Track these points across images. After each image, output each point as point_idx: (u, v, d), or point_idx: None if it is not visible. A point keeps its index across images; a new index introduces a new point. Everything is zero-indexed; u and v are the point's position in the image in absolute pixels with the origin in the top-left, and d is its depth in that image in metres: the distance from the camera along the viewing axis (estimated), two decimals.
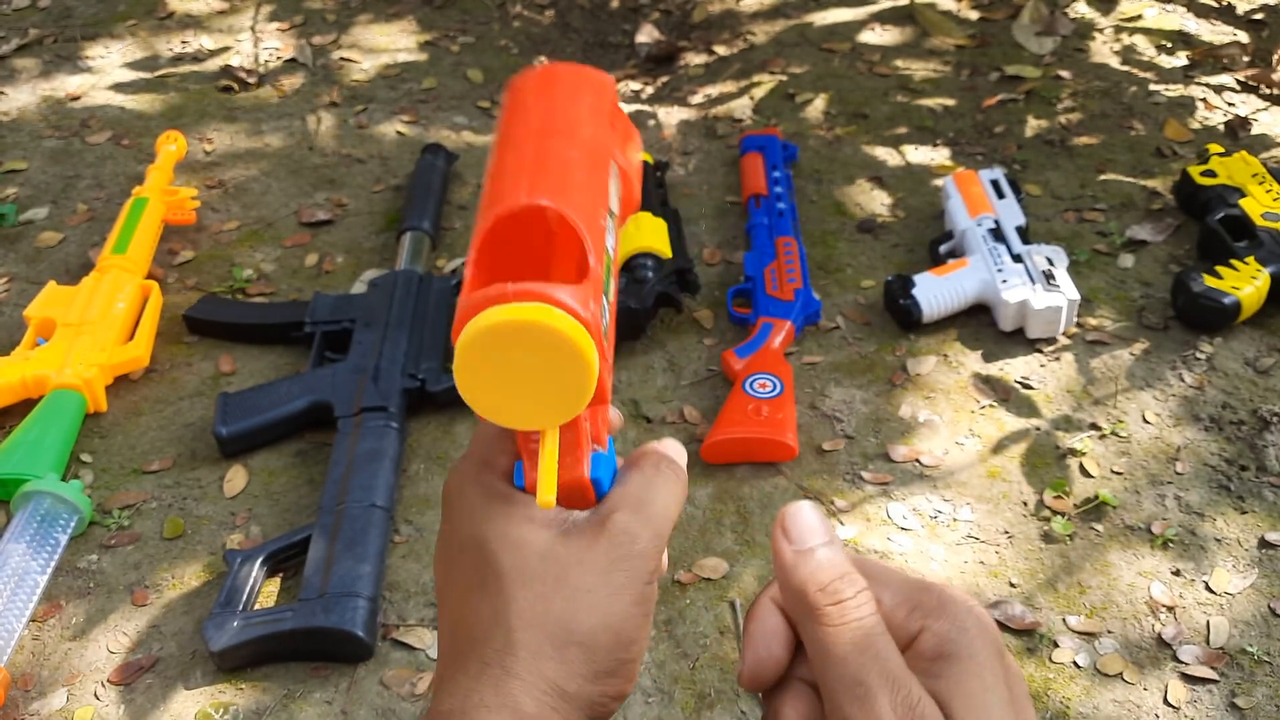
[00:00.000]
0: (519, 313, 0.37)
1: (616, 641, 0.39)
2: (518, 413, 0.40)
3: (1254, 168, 1.49)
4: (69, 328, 1.30)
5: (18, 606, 1.04)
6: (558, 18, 2.15)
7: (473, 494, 0.42)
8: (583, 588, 0.39)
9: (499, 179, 0.40)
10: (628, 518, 0.41)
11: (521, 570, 0.40)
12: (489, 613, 0.40)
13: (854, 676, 0.34)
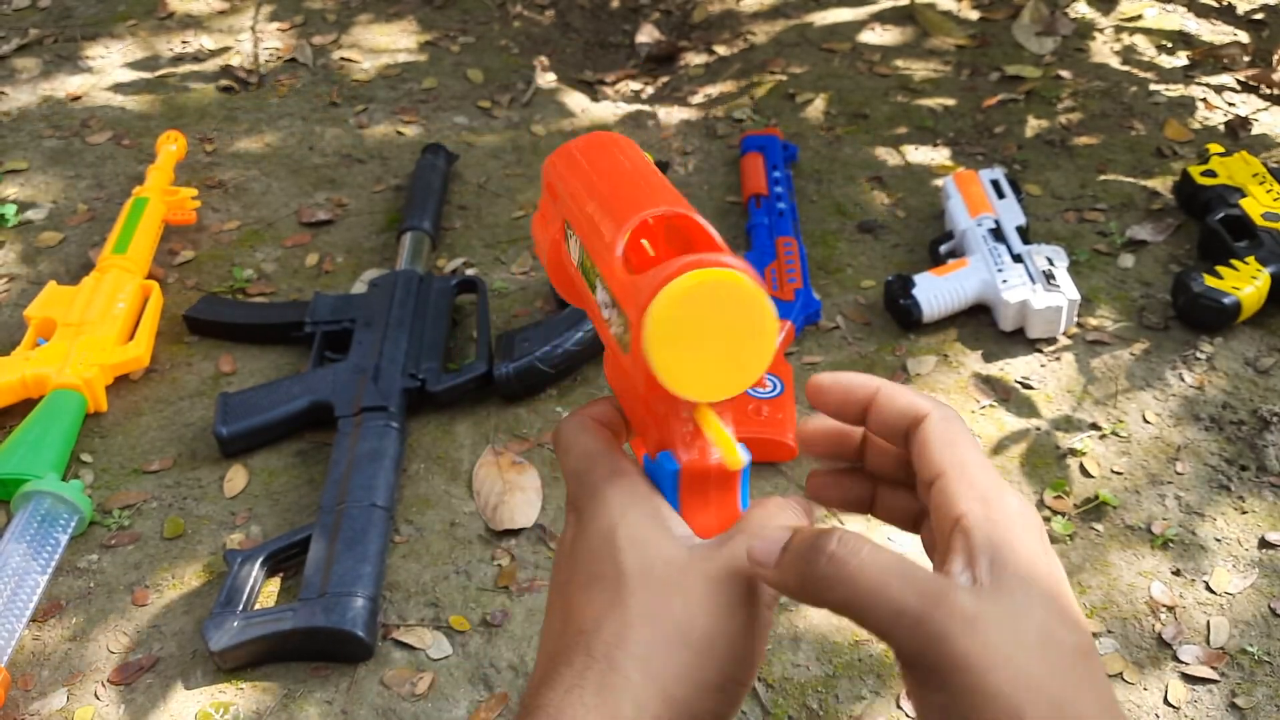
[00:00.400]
0: (712, 275, 0.38)
1: (731, 654, 0.38)
2: (703, 382, 0.40)
3: (1254, 168, 1.49)
4: (69, 328, 1.30)
5: (18, 606, 1.04)
6: (558, 18, 2.15)
7: (610, 495, 0.42)
8: (704, 595, 0.39)
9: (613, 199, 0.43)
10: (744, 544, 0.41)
11: (645, 570, 0.39)
12: (605, 603, 0.39)
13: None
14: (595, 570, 0.40)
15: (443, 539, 1.14)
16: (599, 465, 0.43)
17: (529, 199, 1.64)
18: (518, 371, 1.26)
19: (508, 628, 1.06)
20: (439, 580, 1.10)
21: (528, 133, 1.79)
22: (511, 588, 1.09)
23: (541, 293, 1.45)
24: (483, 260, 1.52)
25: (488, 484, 1.19)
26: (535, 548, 1.13)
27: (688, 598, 0.39)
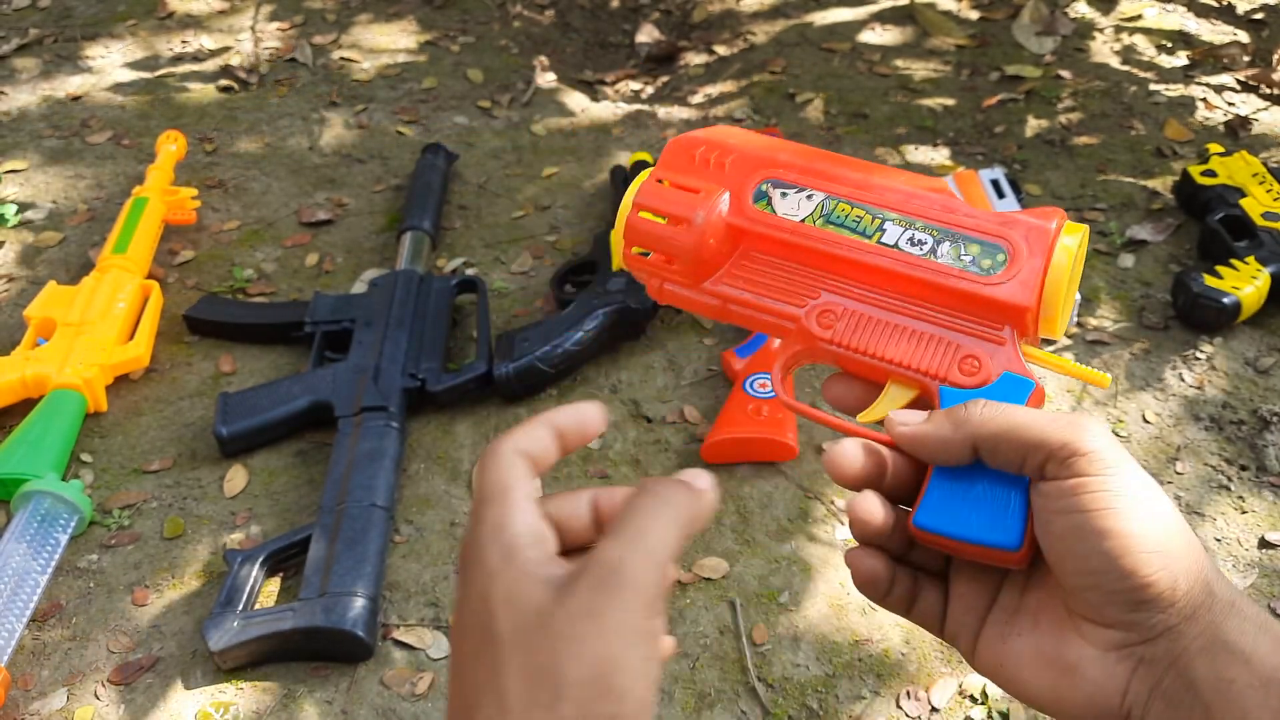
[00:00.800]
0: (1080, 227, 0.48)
1: (607, 692, 0.36)
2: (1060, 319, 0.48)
3: (1254, 167, 1.49)
4: (69, 327, 1.30)
5: (18, 606, 1.04)
6: (558, 18, 2.15)
7: (487, 555, 0.40)
8: (571, 637, 0.36)
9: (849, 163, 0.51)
10: (612, 547, 0.38)
11: (517, 628, 0.38)
12: (485, 677, 0.38)
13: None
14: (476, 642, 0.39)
15: (443, 539, 1.14)
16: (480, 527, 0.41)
17: (529, 198, 1.64)
18: (518, 371, 1.26)
19: None
20: (439, 580, 1.10)
21: (528, 133, 1.79)
22: None
23: (541, 292, 1.45)
24: (483, 260, 1.52)
25: None
26: None
27: (556, 647, 0.37)
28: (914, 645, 1.04)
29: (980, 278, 0.46)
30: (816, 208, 0.48)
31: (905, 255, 0.47)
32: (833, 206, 0.48)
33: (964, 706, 0.99)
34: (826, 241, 0.48)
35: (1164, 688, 0.39)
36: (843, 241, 0.48)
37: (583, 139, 1.78)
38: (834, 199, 0.48)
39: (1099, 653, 0.41)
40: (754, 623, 1.06)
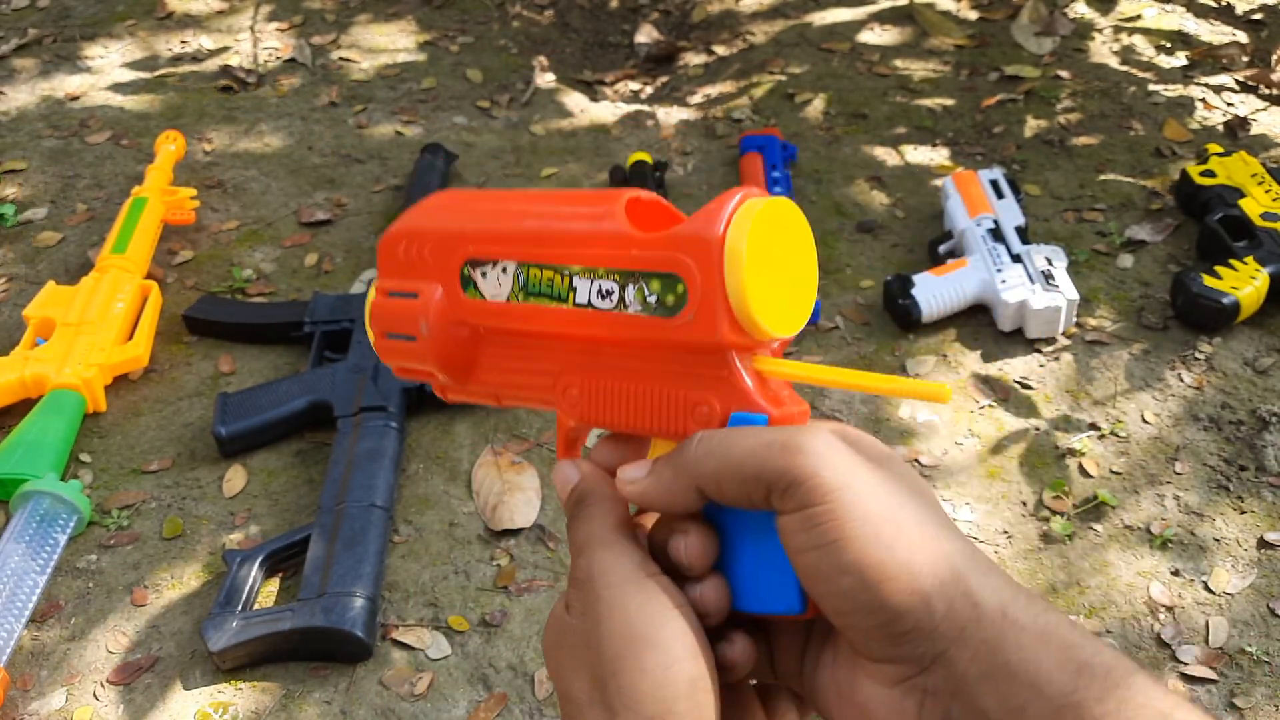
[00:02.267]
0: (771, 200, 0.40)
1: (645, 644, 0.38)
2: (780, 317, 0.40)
3: (1253, 168, 1.49)
4: (68, 327, 1.30)
5: (17, 606, 1.04)
6: (557, 18, 2.15)
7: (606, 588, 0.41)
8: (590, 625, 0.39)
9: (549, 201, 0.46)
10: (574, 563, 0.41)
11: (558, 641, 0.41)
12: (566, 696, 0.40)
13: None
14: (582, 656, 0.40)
15: (442, 539, 1.14)
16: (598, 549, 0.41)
17: None
18: None
19: (507, 628, 1.06)
20: (438, 580, 1.10)
21: (527, 133, 1.79)
22: (510, 588, 1.09)
23: None
24: None
25: (487, 484, 1.19)
26: (534, 548, 1.13)
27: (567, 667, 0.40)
28: None
29: (668, 320, 0.40)
30: (514, 282, 0.44)
31: (600, 314, 0.42)
32: (526, 275, 0.43)
33: None
34: (533, 317, 0.43)
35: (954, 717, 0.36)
36: (546, 313, 0.43)
37: (582, 139, 1.78)
38: (525, 265, 0.43)
39: (884, 689, 0.37)
40: None
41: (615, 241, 0.41)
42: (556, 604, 0.42)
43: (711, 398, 0.41)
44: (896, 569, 0.35)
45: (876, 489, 0.37)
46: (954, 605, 0.35)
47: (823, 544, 0.36)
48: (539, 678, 1.01)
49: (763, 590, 0.40)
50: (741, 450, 0.38)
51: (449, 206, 0.47)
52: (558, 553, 1.12)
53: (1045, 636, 0.35)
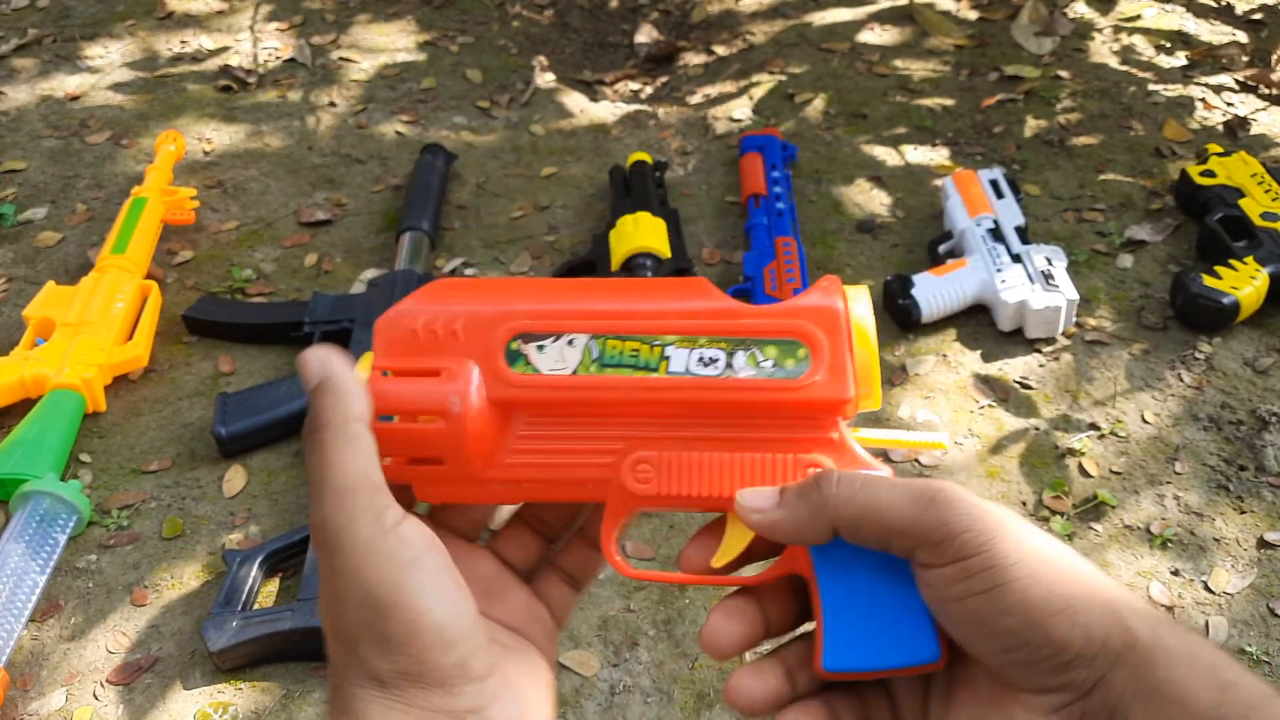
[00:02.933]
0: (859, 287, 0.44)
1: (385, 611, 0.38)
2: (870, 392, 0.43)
3: (1253, 168, 1.49)
4: (68, 328, 1.30)
5: (17, 606, 1.04)
6: (557, 18, 2.15)
7: None
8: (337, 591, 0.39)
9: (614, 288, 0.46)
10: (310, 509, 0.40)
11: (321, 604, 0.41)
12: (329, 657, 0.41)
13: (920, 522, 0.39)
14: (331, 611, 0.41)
15: None
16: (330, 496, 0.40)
17: (528, 199, 1.64)
18: None
19: None
20: None
21: (527, 133, 1.79)
22: None
23: None
24: (481, 260, 1.52)
25: None
26: None
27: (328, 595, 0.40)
28: None
29: (789, 382, 0.42)
30: (584, 353, 0.42)
31: (701, 380, 0.42)
32: (602, 347, 0.42)
33: None
34: (610, 388, 0.42)
35: None
36: (627, 384, 0.42)
37: (582, 139, 1.78)
38: (600, 337, 0.42)
39: (1042, 717, 0.39)
40: None
41: (722, 314, 0.43)
42: None
43: (822, 461, 0.42)
44: (1059, 604, 0.37)
45: (1024, 533, 0.39)
46: (1110, 633, 0.38)
47: (984, 590, 0.38)
48: None
49: (896, 643, 0.40)
50: (886, 501, 0.39)
51: (474, 289, 0.44)
52: None
53: (1191, 657, 0.37)
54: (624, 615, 1.07)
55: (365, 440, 0.40)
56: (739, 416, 0.43)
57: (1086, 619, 0.37)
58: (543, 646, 0.45)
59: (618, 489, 0.43)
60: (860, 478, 0.40)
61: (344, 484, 0.39)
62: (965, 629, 0.39)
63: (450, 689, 0.38)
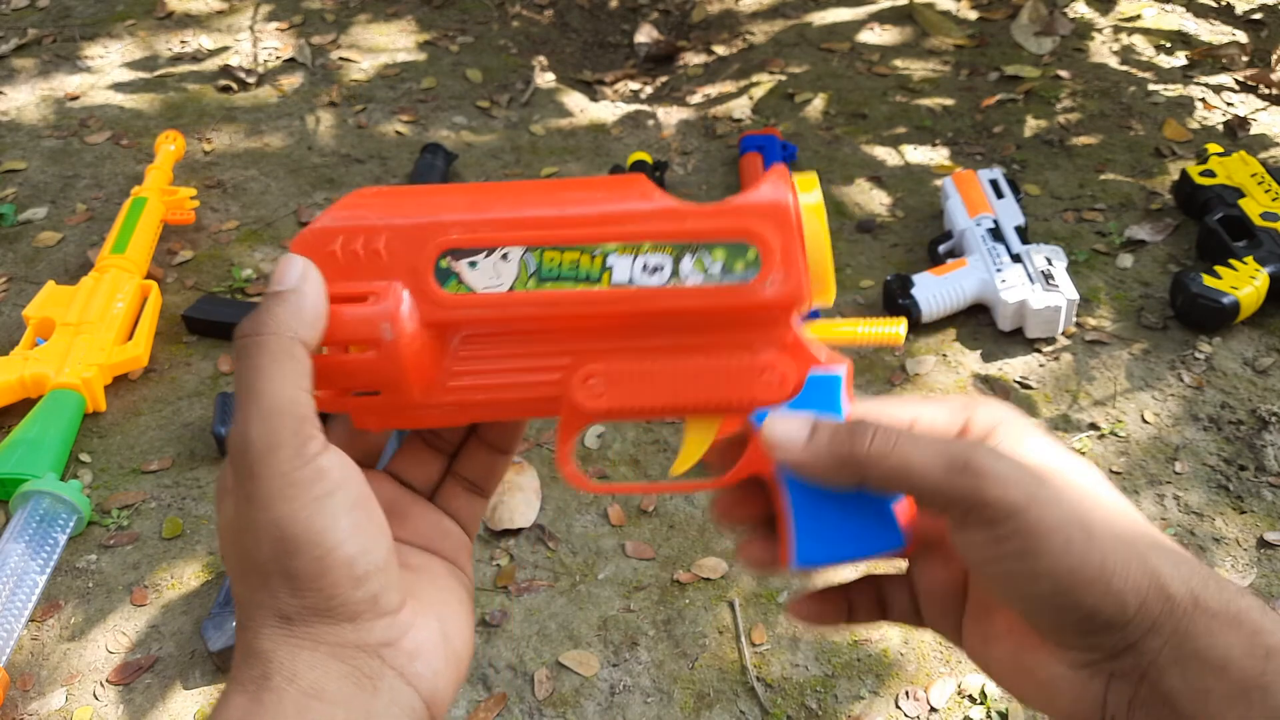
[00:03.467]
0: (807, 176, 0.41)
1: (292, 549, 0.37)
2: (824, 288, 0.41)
3: (1253, 168, 1.49)
4: (68, 327, 1.30)
5: (17, 606, 1.04)
6: (557, 18, 2.15)
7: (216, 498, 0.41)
8: (243, 528, 0.37)
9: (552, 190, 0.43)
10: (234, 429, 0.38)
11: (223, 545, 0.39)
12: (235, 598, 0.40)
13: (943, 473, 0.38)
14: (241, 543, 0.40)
15: None
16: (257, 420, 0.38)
17: None
18: None
19: (506, 628, 1.06)
20: None
21: (526, 132, 1.79)
22: (510, 588, 1.09)
23: None
24: None
25: None
26: (534, 548, 1.13)
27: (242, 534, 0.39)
28: (912, 645, 1.04)
29: (740, 287, 0.40)
30: (520, 268, 0.40)
31: (647, 291, 0.40)
32: (539, 260, 0.40)
33: (963, 706, 0.99)
34: (550, 303, 0.40)
35: (1141, 698, 0.38)
36: (569, 299, 0.40)
37: (581, 139, 1.78)
38: (536, 249, 0.40)
39: (1069, 670, 0.39)
40: (753, 623, 1.06)
41: (664, 217, 0.40)
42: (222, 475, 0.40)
43: (779, 362, 0.41)
44: (1091, 573, 0.37)
45: (1061, 497, 0.38)
46: (1147, 600, 0.37)
47: (1014, 555, 0.37)
48: (539, 678, 1.02)
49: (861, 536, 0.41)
50: (920, 464, 0.38)
51: (396, 199, 0.41)
52: (558, 553, 1.12)
53: (1235, 622, 0.37)
54: (624, 615, 1.07)
55: (305, 365, 0.38)
56: (689, 324, 0.41)
57: (1121, 586, 0.37)
58: (455, 559, 0.45)
59: (570, 405, 0.41)
60: (895, 435, 0.39)
61: (273, 405, 0.37)
62: (998, 589, 0.39)
63: (360, 623, 0.38)
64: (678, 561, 1.11)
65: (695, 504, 1.17)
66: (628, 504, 1.17)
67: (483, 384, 0.41)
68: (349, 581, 0.37)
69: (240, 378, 0.38)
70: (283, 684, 0.37)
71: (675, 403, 0.41)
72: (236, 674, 0.38)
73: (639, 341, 0.41)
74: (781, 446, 0.41)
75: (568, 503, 1.17)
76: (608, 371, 0.41)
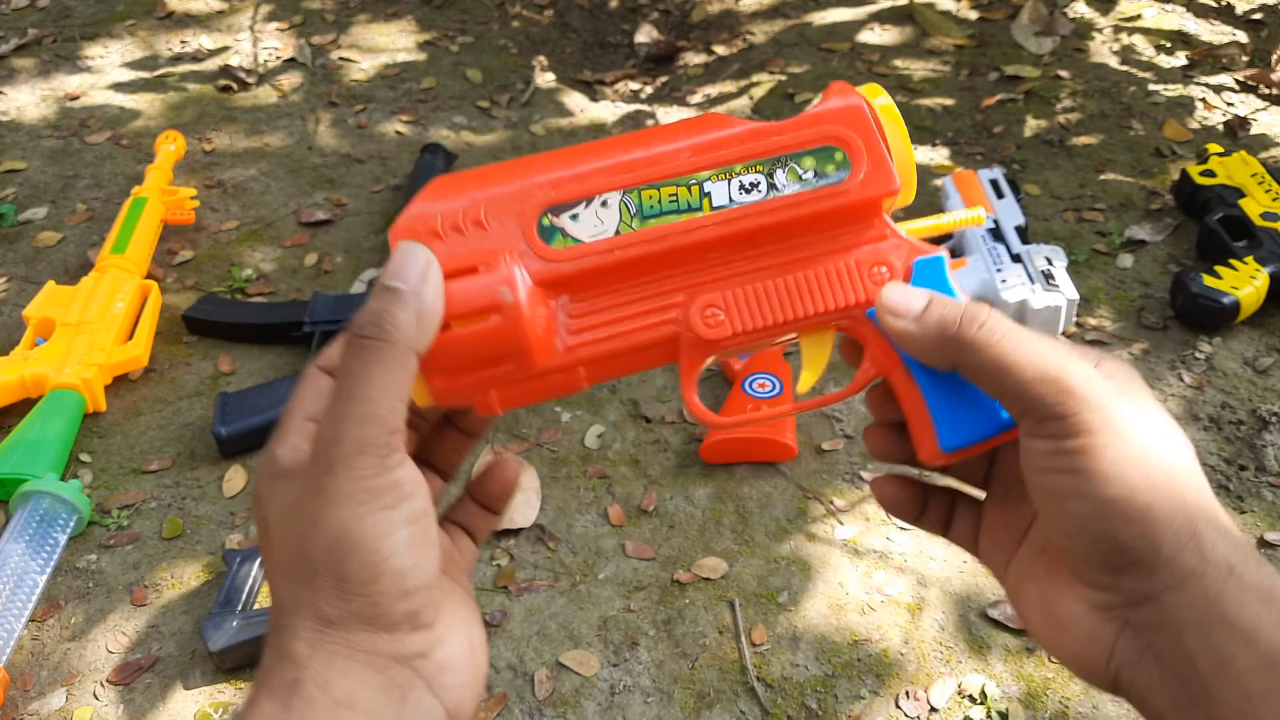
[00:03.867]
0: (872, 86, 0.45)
1: (351, 550, 0.37)
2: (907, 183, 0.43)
3: (1253, 168, 1.49)
4: (68, 327, 1.30)
5: (17, 606, 1.04)
6: (557, 17, 2.15)
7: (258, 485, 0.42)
8: (305, 518, 0.38)
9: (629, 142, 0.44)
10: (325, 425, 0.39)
11: (276, 530, 0.39)
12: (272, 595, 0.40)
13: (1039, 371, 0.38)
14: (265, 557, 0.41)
15: None
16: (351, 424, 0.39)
17: None
18: None
19: (507, 628, 1.06)
20: None
21: (527, 132, 1.79)
22: (510, 588, 1.09)
23: None
24: None
25: None
26: (534, 548, 1.13)
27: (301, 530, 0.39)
28: (913, 645, 1.04)
29: (836, 187, 0.42)
30: (621, 211, 0.41)
31: (750, 207, 0.41)
32: (638, 200, 0.41)
33: (963, 706, 0.99)
34: (657, 239, 0.41)
35: (1156, 650, 0.38)
36: (676, 230, 0.41)
37: (582, 139, 1.78)
38: (633, 190, 0.41)
39: (1086, 610, 0.40)
40: (753, 623, 1.06)
41: (749, 138, 0.42)
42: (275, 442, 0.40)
43: (884, 256, 0.42)
44: (1133, 511, 0.37)
45: (1134, 434, 0.38)
46: (1181, 554, 0.37)
47: (1068, 470, 0.38)
48: (539, 678, 1.02)
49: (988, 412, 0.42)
50: (1017, 360, 0.39)
51: (482, 176, 0.42)
52: (558, 553, 1.12)
53: (1269, 598, 0.37)
54: (624, 615, 1.07)
55: (412, 375, 0.38)
56: (792, 236, 0.42)
57: (1158, 534, 0.37)
58: (463, 583, 0.45)
59: (690, 342, 0.42)
60: (1004, 328, 0.40)
61: (373, 412, 0.37)
62: (1042, 502, 0.40)
63: (398, 634, 0.38)
64: (678, 561, 1.11)
65: (695, 504, 1.17)
66: (628, 504, 1.17)
67: (601, 337, 0.41)
68: (396, 592, 0.38)
69: (347, 373, 0.38)
70: (315, 691, 0.37)
71: (793, 316, 0.42)
72: (267, 678, 0.38)
73: (746, 265, 0.42)
74: (896, 313, 0.41)
75: (568, 503, 1.17)
76: (724, 299, 0.42)
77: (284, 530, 0.39)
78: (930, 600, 1.07)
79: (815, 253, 0.42)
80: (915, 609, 1.07)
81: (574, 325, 0.41)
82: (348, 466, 0.37)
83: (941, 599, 1.07)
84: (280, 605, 0.39)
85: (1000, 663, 1.02)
